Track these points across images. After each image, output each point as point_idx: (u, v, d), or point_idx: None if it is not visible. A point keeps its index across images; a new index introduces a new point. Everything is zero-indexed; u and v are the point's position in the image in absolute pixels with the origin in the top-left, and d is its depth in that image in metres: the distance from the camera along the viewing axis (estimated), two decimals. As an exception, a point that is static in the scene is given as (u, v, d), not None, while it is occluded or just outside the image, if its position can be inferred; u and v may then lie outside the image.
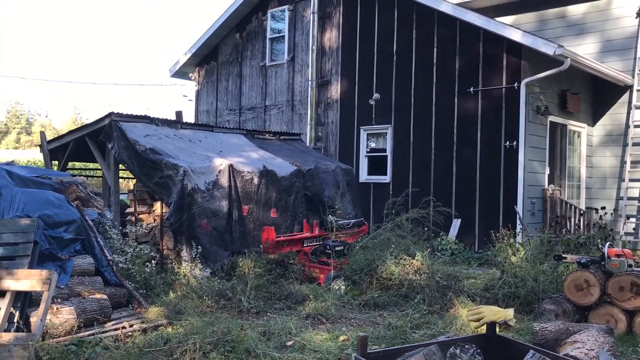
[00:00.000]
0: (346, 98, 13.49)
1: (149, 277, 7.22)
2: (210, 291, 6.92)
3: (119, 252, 7.27)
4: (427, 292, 7.07)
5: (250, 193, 8.83)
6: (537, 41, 10.41)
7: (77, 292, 5.92)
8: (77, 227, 6.38)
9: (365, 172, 13.12)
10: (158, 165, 8.25)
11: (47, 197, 6.33)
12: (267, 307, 6.93)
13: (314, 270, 8.23)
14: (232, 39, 15.98)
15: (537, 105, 11.00)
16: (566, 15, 13.30)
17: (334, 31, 13.79)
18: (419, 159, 12.18)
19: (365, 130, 13.16)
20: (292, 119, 14.56)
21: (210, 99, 16.72)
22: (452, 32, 11.74)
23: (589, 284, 6.19)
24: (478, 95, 11.36)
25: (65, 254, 6.08)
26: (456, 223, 11.36)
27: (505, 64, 11.02)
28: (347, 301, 7.15)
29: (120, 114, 9.08)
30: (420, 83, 12.22)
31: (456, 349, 2.90)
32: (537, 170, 11.13)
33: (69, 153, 10.06)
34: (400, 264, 7.50)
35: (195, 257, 7.76)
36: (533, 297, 6.89)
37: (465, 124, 11.54)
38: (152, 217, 8.70)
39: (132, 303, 6.65)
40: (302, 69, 14.38)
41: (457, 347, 2.92)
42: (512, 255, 7.75)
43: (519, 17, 13.81)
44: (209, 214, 8.13)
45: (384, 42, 12.84)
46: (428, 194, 11.40)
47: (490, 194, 11.14)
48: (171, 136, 9.37)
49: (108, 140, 8.90)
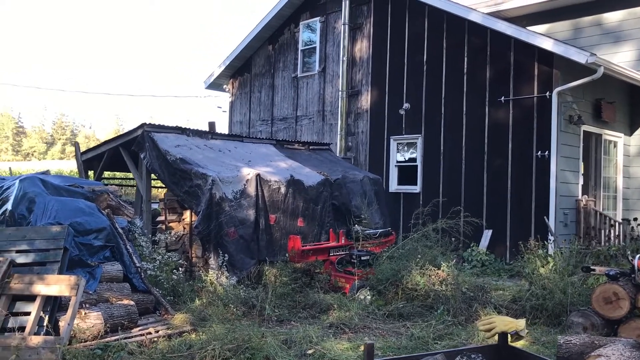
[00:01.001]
0: (376, 108, 13.51)
1: (176, 284, 7.36)
2: (235, 299, 7.01)
3: (148, 259, 7.43)
4: (452, 303, 7.02)
5: (277, 202, 8.92)
6: (569, 50, 10.25)
7: (106, 297, 6.08)
8: (106, 235, 6.57)
9: (395, 182, 13.09)
10: (187, 175, 8.42)
11: (78, 205, 6.54)
12: (291, 315, 6.98)
13: (339, 279, 8.25)
14: (265, 51, 16.20)
15: (569, 115, 10.81)
16: (602, 23, 13.06)
17: (364, 42, 13.86)
18: (450, 168, 12.09)
19: (395, 140, 13.14)
20: (322, 129, 14.65)
21: (243, 110, 16.97)
22: (482, 41, 11.65)
23: (618, 297, 6.03)
24: (509, 104, 11.23)
25: (94, 260, 6.27)
26: (487, 233, 11.21)
27: (537, 72, 10.87)
28: (371, 311, 7.14)
29: (153, 124, 9.31)
30: (450, 92, 12.16)
31: (462, 358, 2.90)
32: (570, 180, 10.91)
33: (104, 163, 10.34)
34: (425, 275, 7.46)
35: (222, 265, 7.88)
36: (561, 310, 6.75)
37: (496, 133, 11.41)
38: (181, 225, 8.87)
39: (159, 309, 6.78)
40: (332, 80, 14.48)
41: (463, 357, 2.91)
42: (540, 266, 7.62)
43: (553, 25, 13.62)
44: (236, 223, 8.25)
45: (414, 52, 12.84)
46: (458, 203, 11.30)
47: (521, 204, 10.97)
48: (201, 146, 9.55)
49: (140, 150, 9.13)
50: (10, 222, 6.22)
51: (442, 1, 12.18)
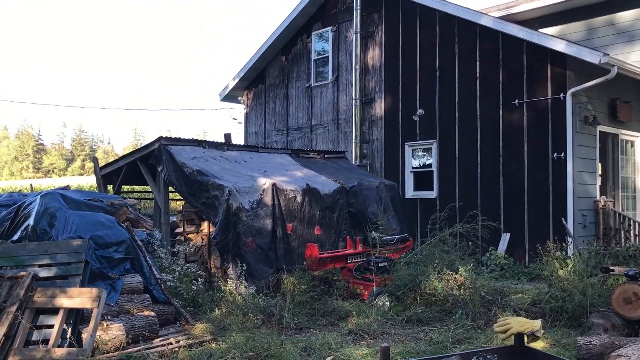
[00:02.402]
0: (390, 115, 13.54)
1: (196, 295, 7.44)
2: (254, 308, 7.07)
3: (168, 270, 7.53)
4: (470, 307, 7.01)
5: (294, 211, 8.98)
6: (581, 50, 10.22)
7: (127, 309, 6.18)
8: (126, 247, 6.69)
9: (411, 188, 13.09)
10: (204, 186, 8.53)
11: (98, 219, 6.67)
12: (310, 323, 7.02)
13: (357, 286, 8.27)
14: (278, 62, 16.35)
15: (584, 116, 10.75)
16: (615, 23, 12.98)
17: (376, 50, 13.92)
18: (465, 173, 12.06)
19: (410, 146, 13.16)
20: (337, 137, 14.72)
21: (258, 121, 17.11)
22: (494, 45, 11.65)
23: (638, 297, 6.00)
24: (523, 107, 11.20)
25: (115, 272, 6.38)
26: (505, 237, 11.16)
27: (550, 74, 10.84)
28: (390, 317, 7.16)
29: (169, 138, 9.45)
30: (464, 97, 12.16)
31: (478, 359, 2.92)
32: (587, 181, 10.83)
33: (123, 177, 10.52)
34: (443, 280, 7.46)
35: (240, 274, 7.95)
36: (581, 311, 6.72)
37: (511, 136, 11.38)
38: (200, 236, 8.97)
39: (180, 320, 6.87)
40: (346, 88, 14.56)
41: (478, 357, 2.93)
42: (559, 268, 7.58)
43: (566, 26, 13.57)
44: (253, 232, 8.33)
45: (426, 58, 12.87)
46: (475, 208, 11.30)
47: (539, 207, 10.91)
48: (218, 158, 9.66)
49: (158, 164, 9.26)
50: (33, 237, 6.37)
51: (453, 7, 12.21)
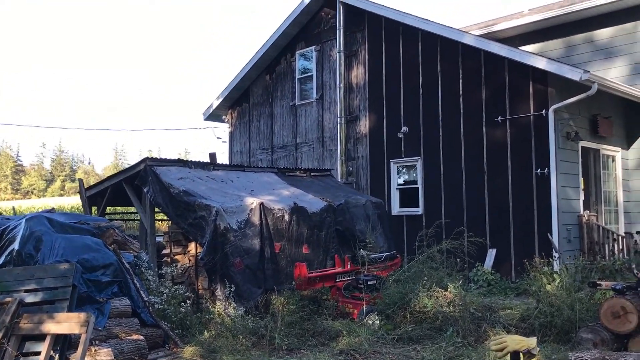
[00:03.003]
0: (375, 132, 13.63)
1: (184, 317, 7.36)
2: (244, 329, 7.01)
3: (155, 293, 7.45)
4: (461, 324, 7.01)
5: (282, 230, 8.96)
6: (562, 68, 10.41)
7: (115, 333, 6.09)
8: (114, 270, 6.60)
9: (397, 205, 13.14)
10: (191, 207, 8.47)
11: (85, 242, 6.58)
12: (300, 343, 6.97)
13: (347, 305, 8.24)
14: (262, 81, 16.40)
15: (567, 132, 10.92)
16: (593, 40, 13.27)
17: (360, 68, 14.04)
18: (450, 189, 12.15)
19: (396, 164, 13.24)
20: (322, 155, 14.76)
21: (243, 140, 17.10)
22: (476, 63, 11.82)
23: (625, 311, 6.05)
24: (506, 124, 11.35)
25: (103, 296, 6.29)
26: (491, 253, 11.23)
27: (532, 91, 11.01)
28: (380, 336, 7.13)
29: (155, 158, 9.41)
30: (447, 114, 12.29)
31: (476, 379, 2.92)
32: (571, 196, 10.97)
33: (107, 198, 10.41)
34: (433, 297, 7.46)
35: (229, 295, 7.88)
36: (570, 326, 6.75)
37: (495, 153, 11.51)
38: (187, 257, 8.89)
39: (169, 343, 6.78)
40: (330, 107, 14.64)
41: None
42: (547, 284, 7.63)
43: (546, 44, 13.84)
44: (241, 253, 8.28)
45: (409, 76, 13.01)
46: (461, 224, 11.35)
47: (524, 222, 11.01)
48: (204, 178, 9.62)
49: (143, 185, 9.20)
50: (18, 262, 6.26)
51: (436, 26, 12.39)
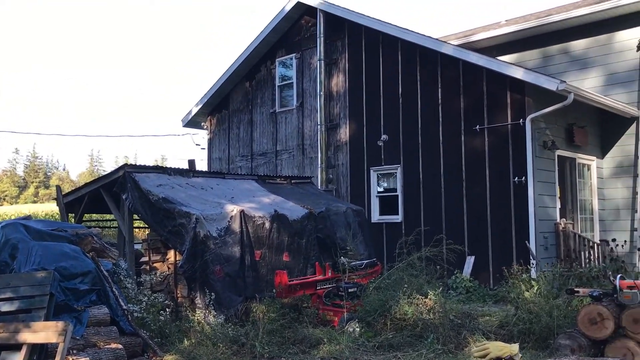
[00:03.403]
0: (355, 140, 13.68)
1: (163, 326, 7.28)
2: (224, 337, 6.96)
3: (134, 301, 7.36)
4: (441, 331, 7.06)
5: (262, 238, 8.93)
6: (539, 78, 10.58)
7: (93, 342, 5.99)
8: (92, 278, 6.50)
9: (377, 213, 13.19)
10: (171, 214, 8.40)
11: (62, 250, 6.48)
12: (281, 352, 6.93)
13: (327, 313, 8.23)
14: (242, 88, 16.37)
15: (543, 140, 11.09)
16: (569, 51, 13.52)
17: (340, 76, 14.11)
18: (430, 197, 12.24)
19: (375, 171, 13.30)
20: (303, 162, 14.77)
21: (222, 147, 17.03)
22: (455, 72, 11.96)
23: (602, 318, 6.14)
24: (484, 132, 11.49)
25: (81, 304, 6.18)
26: (470, 260, 11.32)
27: (510, 101, 11.17)
28: (361, 343, 7.13)
29: (134, 165, 9.32)
30: (426, 123, 12.40)
31: (460, 385, 2.94)
32: (547, 204, 11.13)
33: (85, 205, 10.28)
34: (413, 304, 7.50)
35: (209, 303, 7.82)
36: (548, 333, 6.84)
37: (473, 161, 11.64)
38: (166, 265, 8.80)
39: (148, 352, 6.69)
40: (311, 114, 14.66)
41: (461, 384, 2.95)
42: (525, 291, 7.72)
43: (523, 54, 14.06)
44: (221, 260, 8.23)
45: (389, 85, 13.10)
46: (440, 232, 11.42)
47: (502, 230, 11.13)
48: (183, 185, 9.56)
49: (122, 192, 9.10)
50: (-7, 270, 6.14)
51: (415, 35, 12.52)
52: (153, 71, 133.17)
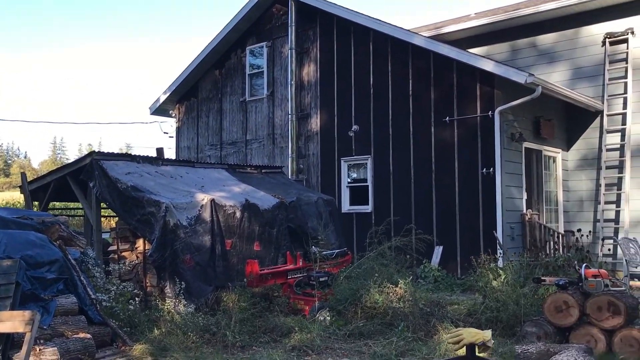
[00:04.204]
0: (326, 130, 13.68)
1: (132, 315, 7.19)
2: (194, 327, 6.91)
3: (103, 290, 7.24)
4: (411, 319, 7.14)
5: (233, 227, 8.88)
6: (508, 71, 10.74)
7: (61, 332, 5.89)
8: (59, 267, 6.37)
9: (347, 203, 13.24)
10: (140, 203, 8.28)
11: (28, 238, 6.33)
12: (252, 340, 6.93)
13: (298, 302, 8.25)
14: (212, 76, 16.18)
15: (511, 133, 11.27)
16: (537, 45, 13.73)
17: (312, 66, 14.07)
18: (400, 188, 12.34)
19: (346, 162, 13.33)
20: (273, 152, 14.71)
21: (191, 135, 16.83)
22: (426, 64, 12.05)
23: (568, 305, 6.31)
24: (454, 124, 11.62)
25: (48, 294, 6.06)
26: (438, 250, 11.47)
27: (479, 93, 11.32)
28: (332, 332, 7.17)
29: (102, 152, 9.15)
30: (397, 114, 12.47)
31: (436, 371, 2.98)
32: (514, 195, 11.34)
33: (50, 193, 10.05)
34: (384, 293, 7.57)
35: (179, 293, 7.75)
36: (515, 321, 6.98)
37: (443, 152, 11.76)
38: (134, 254, 8.68)
39: (117, 341, 6.61)
40: (281, 103, 14.60)
41: (436, 369, 2.99)
42: (493, 280, 7.86)
43: (492, 47, 14.22)
44: (191, 250, 8.16)
45: (360, 75, 13.12)
46: (409, 222, 11.50)
47: (470, 220, 11.30)
48: (152, 173, 9.42)
49: (89, 179, 8.93)
50: (-44, 259, 5.95)
51: (387, 26, 12.55)
52: (120, 57, 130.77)
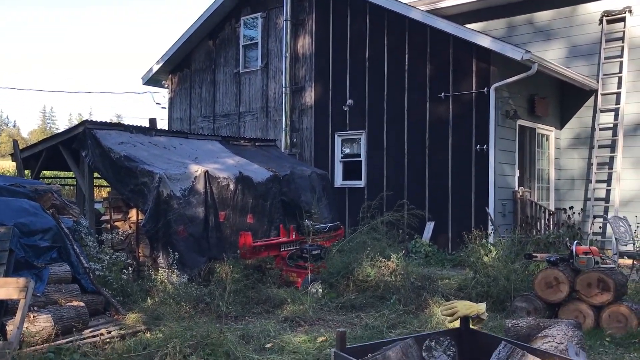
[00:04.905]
0: (320, 104, 13.61)
1: (125, 285, 7.21)
2: (187, 297, 6.94)
3: (96, 259, 7.25)
4: (402, 292, 7.21)
5: (227, 199, 8.87)
6: (505, 47, 10.69)
7: (54, 299, 5.89)
8: (53, 235, 6.35)
9: (340, 177, 13.25)
10: (133, 173, 8.24)
11: (21, 206, 6.29)
12: (245, 311, 6.98)
13: (291, 274, 8.30)
14: (205, 46, 16.00)
15: (506, 110, 11.27)
16: (534, 22, 13.66)
17: (307, 38, 13.92)
18: (393, 163, 12.35)
19: (340, 136, 13.30)
20: (266, 125, 14.63)
21: (183, 106, 16.70)
22: (422, 38, 11.96)
23: (558, 282, 6.39)
24: (449, 100, 11.59)
25: (41, 262, 6.05)
26: (430, 225, 11.55)
27: (475, 69, 11.27)
28: (324, 304, 7.23)
29: (95, 121, 9.06)
30: (392, 89, 12.42)
31: (431, 341, 3.02)
32: (507, 172, 11.39)
33: (42, 162, 9.97)
34: (376, 266, 7.63)
35: (172, 263, 7.77)
36: (505, 296, 7.07)
37: (437, 128, 11.76)
38: (127, 224, 8.67)
39: (110, 310, 6.63)
40: (276, 76, 14.48)
41: (432, 340, 3.03)
42: (484, 255, 7.93)
43: (489, 23, 14.13)
44: (185, 221, 8.15)
45: (356, 49, 13.02)
46: (402, 197, 11.56)
47: (462, 197, 11.36)
48: (146, 143, 9.36)
49: (82, 148, 8.86)
50: (-52, 225, 5.92)
51: (383, -1, 12.41)
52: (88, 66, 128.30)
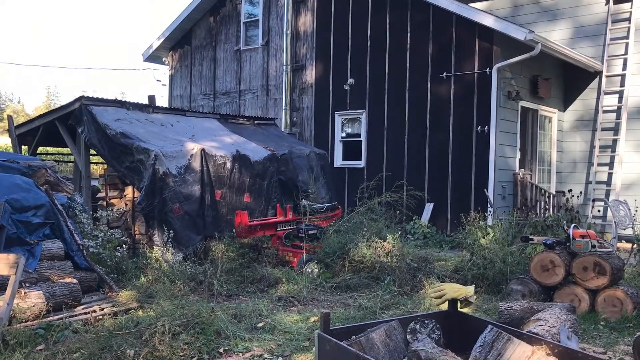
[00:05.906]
0: (321, 83, 13.48)
1: (120, 262, 7.19)
2: (182, 275, 6.92)
3: (90, 236, 7.21)
4: (397, 274, 7.17)
5: (223, 177, 8.81)
6: (508, 27, 10.51)
7: (47, 276, 5.87)
8: (46, 211, 6.31)
9: (340, 157, 13.17)
10: (129, 150, 8.18)
11: (14, 181, 6.25)
12: (239, 290, 6.96)
13: (287, 253, 8.27)
14: (206, 23, 15.82)
15: (508, 91, 11.13)
16: (539, 1, 13.42)
17: (308, 15, 13.74)
18: (393, 143, 12.25)
19: (340, 116, 13.19)
20: (267, 104, 14.52)
21: (184, 84, 16.58)
22: (425, 17, 11.78)
23: (554, 265, 6.34)
24: (451, 80, 11.45)
25: (33, 238, 6.03)
26: (428, 207, 11.49)
27: (478, 49, 11.11)
28: (319, 284, 7.21)
29: (91, 97, 8.97)
30: (394, 68, 12.27)
31: (416, 324, 2.97)
32: (508, 154, 11.28)
33: (39, 138, 9.91)
34: (372, 247, 7.58)
35: (167, 241, 7.74)
36: (501, 278, 7.03)
37: (438, 108, 11.63)
38: (123, 201, 8.64)
39: (103, 287, 6.62)
40: (276, 54, 14.32)
41: (417, 322, 2.99)
42: (481, 237, 7.88)
43: (494, 2, 13.90)
44: (181, 199, 8.10)
45: (358, 27, 12.84)
46: (401, 178, 11.50)
47: (462, 178, 11.28)
48: (142, 120, 9.28)
49: (78, 125, 8.79)
50: (-60, 200, 5.88)
51: (386, -24, 12.20)
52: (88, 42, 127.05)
